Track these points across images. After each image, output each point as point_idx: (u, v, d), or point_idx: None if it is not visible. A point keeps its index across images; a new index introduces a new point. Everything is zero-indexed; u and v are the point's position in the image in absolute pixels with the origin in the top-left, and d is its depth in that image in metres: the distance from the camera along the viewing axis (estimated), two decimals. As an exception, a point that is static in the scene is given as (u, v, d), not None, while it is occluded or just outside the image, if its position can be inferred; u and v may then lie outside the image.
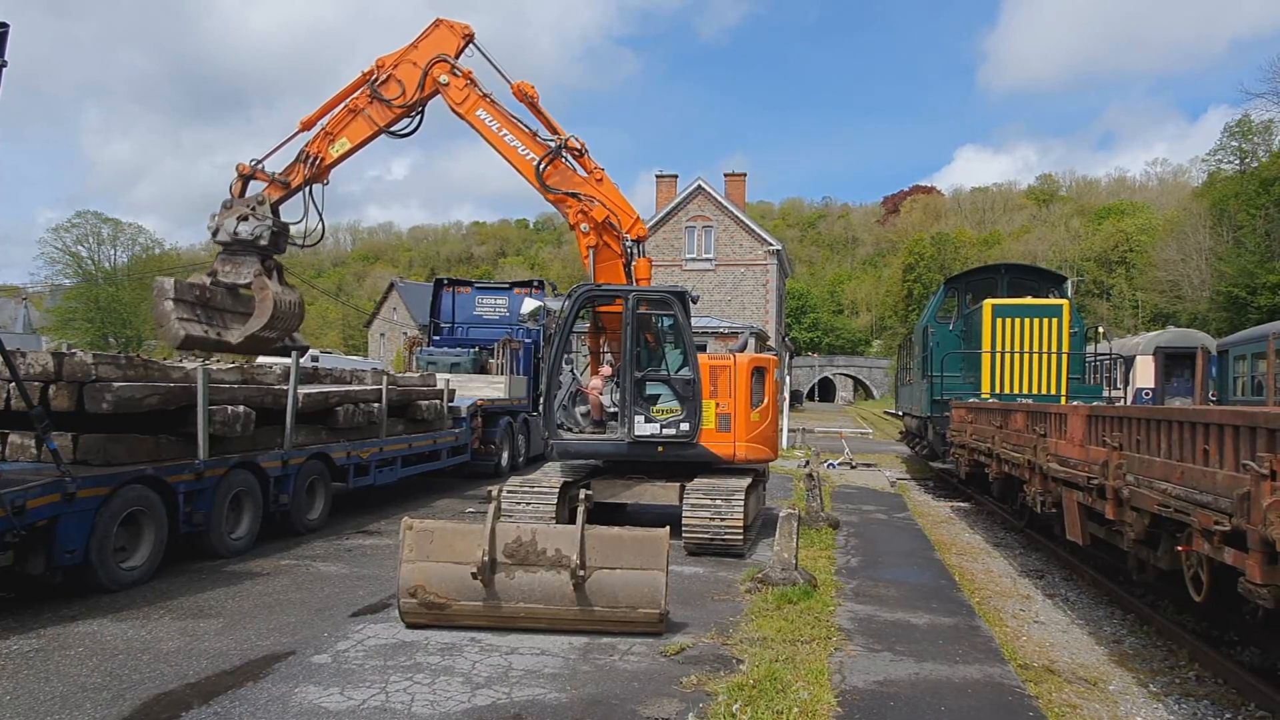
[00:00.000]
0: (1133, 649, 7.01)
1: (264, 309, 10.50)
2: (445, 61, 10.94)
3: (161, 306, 9.85)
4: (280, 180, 10.84)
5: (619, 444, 9.77)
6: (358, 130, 10.98)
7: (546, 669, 5.57)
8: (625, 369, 9.74)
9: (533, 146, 10.99)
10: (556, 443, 10.01)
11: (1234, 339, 20.83)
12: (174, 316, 9.83)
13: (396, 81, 10.88)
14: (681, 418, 9.77)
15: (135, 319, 58.59)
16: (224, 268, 10.49)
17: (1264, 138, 57.45)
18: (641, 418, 9.71)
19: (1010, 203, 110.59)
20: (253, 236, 10.41)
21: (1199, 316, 49.25)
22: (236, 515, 8.81)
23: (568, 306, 9.98)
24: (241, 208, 10.52)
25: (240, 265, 10.46)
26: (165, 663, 5.54)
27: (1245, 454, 4.76)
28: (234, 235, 10.41)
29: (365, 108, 10.92)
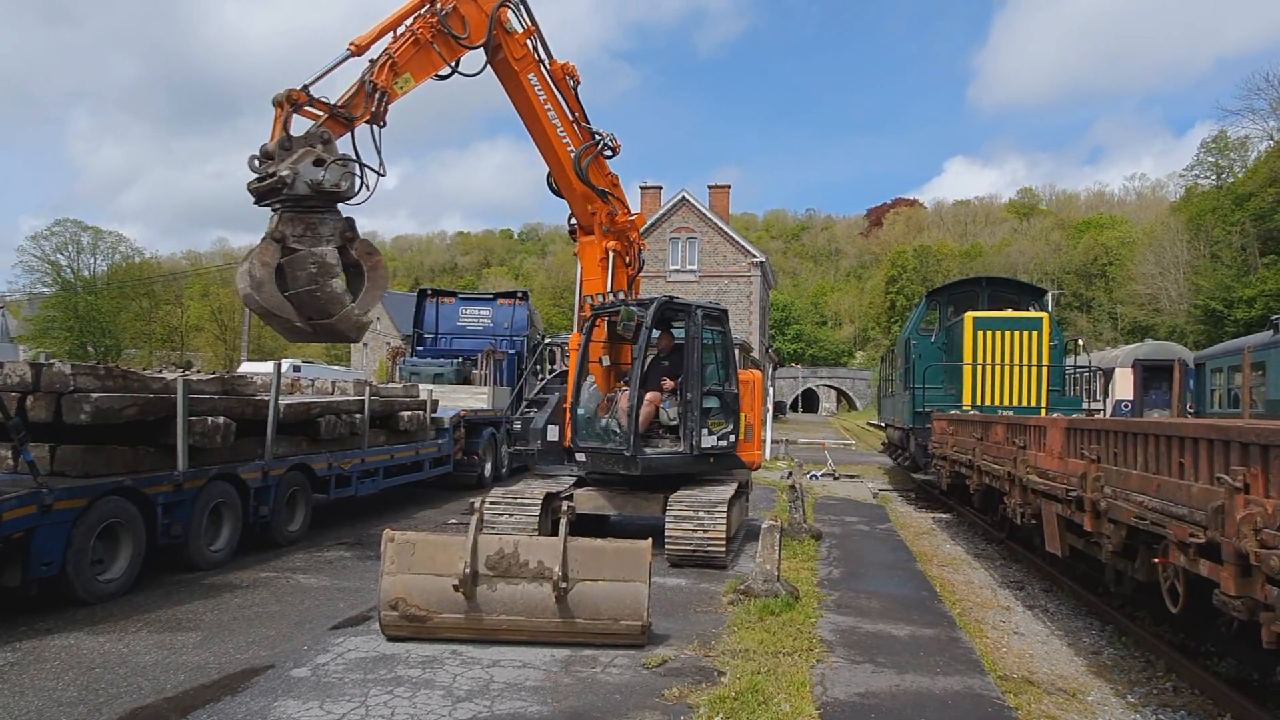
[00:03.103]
0: (1111, 660, 7.06)
1: (379, 278, 8.27)
2: (508, 6, 9.66)
3: (330, 287, 7.56)
4: (342, 114, 8.23)
5: (684, 456, 9.79)
6: (422, 66, 8.98)
7: (528, 682, 5.55)
8: (692, 383, 9.83)
9: (571, 133, 10.39)
10: (641, 458, 9.48)
11: (1211, 352, 21.10)
12: (349, 299, 7.78)
13: (460, 18, 9.18)
14: (730, 429, 10.22)
15: (114, 328, 58.07)
16: (293, 229, 7.65)
17: (1240, 154, 58.35)
18: (705, 430, 9.96)
19: (992, 216, 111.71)
20: (336, 187, 7.82)
21: (1177, 329, 49.86)
22: (216, 527, 8.74)
23: (650, 316, 9.74)
24: (309, 149, 7.77)
25: (318, 226, 7.76)
26: (142, 676, 5.48)
27: (1220, 467, 4.83)
28: (315, 186, 7.68)
29: (432, 40, 8.94)
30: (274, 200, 7.65)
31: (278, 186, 7.49)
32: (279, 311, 7.37)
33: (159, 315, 61.62)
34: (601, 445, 9.78)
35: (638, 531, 9.69)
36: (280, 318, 7.45)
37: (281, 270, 7.51)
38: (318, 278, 7.48)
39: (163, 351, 59.29)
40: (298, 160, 7.59)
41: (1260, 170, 49.76)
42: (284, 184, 7.48)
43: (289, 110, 7.83)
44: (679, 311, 10.26)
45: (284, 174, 7.48)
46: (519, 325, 19.10)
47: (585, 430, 9.89)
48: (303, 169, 7.59)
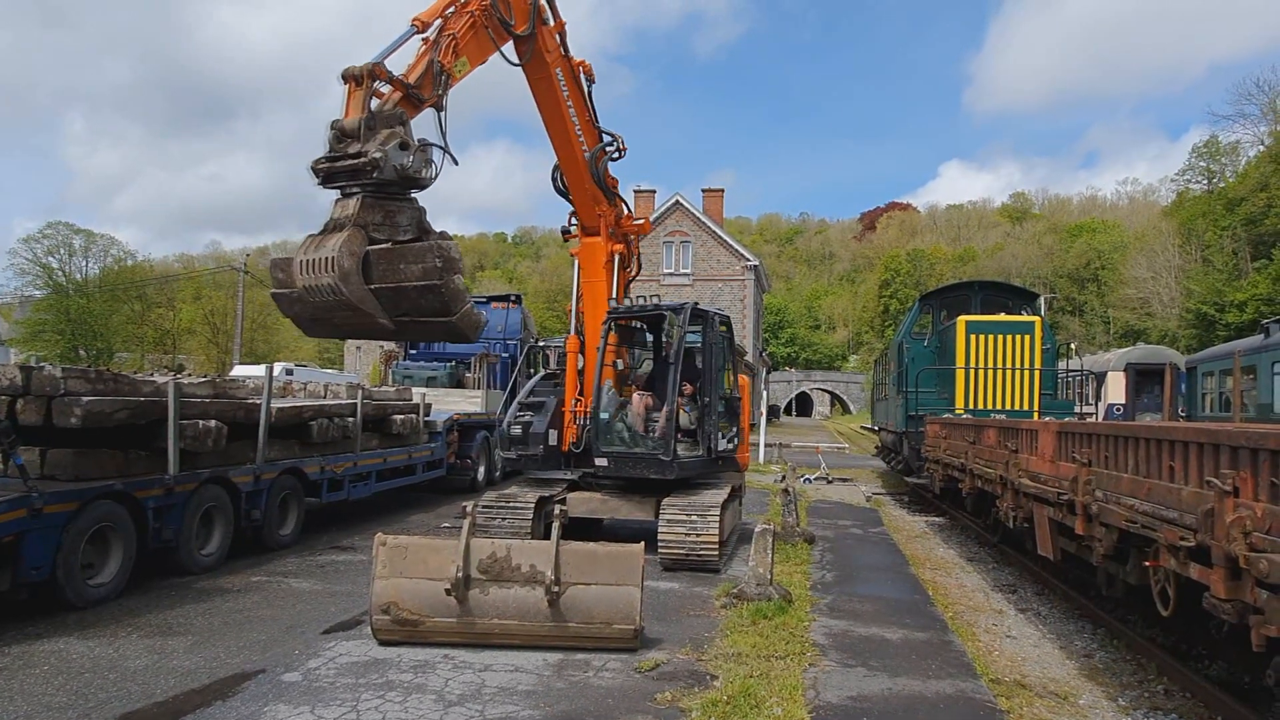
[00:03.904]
0: (1103, 663, 7.08)
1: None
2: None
3: (454, 283, 6.77)
4: (415, 95, 7.41)
5: (703, 459, 9.98)
6: (477, 51, 8.36)
7: (520, 686, 5.54)
8: (711, 388, 10.08)
9: (587, 131, 10.27)
10: (677, 462, 9.52)
11: (1202, 356, 21.19)
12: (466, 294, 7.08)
13: (507, 3, 8.73)
14: (734, 432, 10.67)
15: (106, 331, 57.79)
16: (372, 217, 6.84)
17: (1231, 158, 58.69)
18: (722, 435, 10.27)
19: (985, 220, 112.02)
20: (419, 173, 7.05)
21: (1169, 333, 50.08)
22: (207, 531, 8.71)
23: (682, 322, 9.87)
24: (393, 131, 6.94)
25: (396, 214, 6.95)
26: (132, 681, 5.46)
27: (1209, 470, 4.85)
28: (401, 171, 6.88)
29: (486, 24, 8.44)
30: (355, 183, 6.80)
31: (366, 169, 6.67)
32: (363, 305, 6.63)
33: (151, 318, 61.29)
34: (628, 449, 9.76)
35: (631, 535, 9.69)
36: (364, 312, 6.72)
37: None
38: (443, 272, 6.66)
39: (155, 355, 59.00)
40: (384, 142, 6.79)
41: (1251, 175, 50.05)
42: (375, 166, 6.66)
43: (369, 86, 7.04)
44: (697, 318, 10.41)
45: (376, 156, 6.66)
46: (512, 329, 19.08)
47: (608, 435, 9.87)
48: (392, 153, 6.81)
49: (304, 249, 6.67)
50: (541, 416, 10.33)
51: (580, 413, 10.17)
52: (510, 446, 10.28)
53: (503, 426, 10.44)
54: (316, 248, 6.59)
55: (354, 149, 6.71)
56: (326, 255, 6.49)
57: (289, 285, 6.80)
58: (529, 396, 10.68)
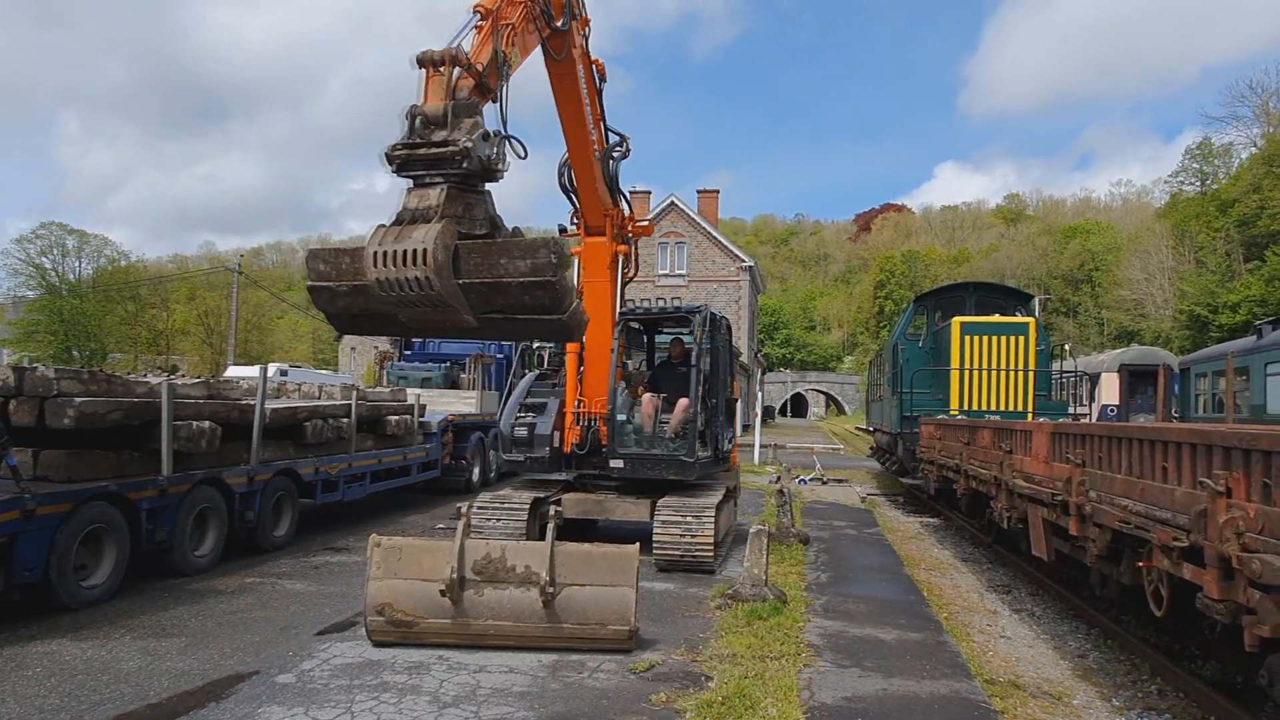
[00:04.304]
0: (1097, 663, 7.09)
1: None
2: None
3: (567, 280, 6.46)
4: (485, 84, 7.00)
5: (711, 460, 10.19)
6: (526, 44, 8.05)
7: (515, 687, 5.54)
8: (719, 390, 10.32)
9: (599, 130, 10.17)
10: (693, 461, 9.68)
11: (1195, 357, 21.25)
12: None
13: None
14: (731, 434, 10.96)
15: (100, 332, 57.65)
16: (453, 209, 6.49)
17: (1224, 160, 58.91)
18: (727, 436, 10.51)
19: (979, 221, 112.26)
20: (498, 166, 6.74)
21: (1162, 335, 50.22)
22: (201, 532, 8.69)
23: (704, 325, 10.10)
24: (474, 121, 6.61)
25: (474, 207, 6.64)
26: (126, 683, 5.44)
27: (1202, 471, 4.86)
28: (485, 162, 6.56)
29: (534, 15, 8.11)
30: (437, 172, 6.45)
31: (454, 158, 6.33)
32: (452, 301, 6.30)
33: (145, 319, 61.19)
34: (646, 451, 9.84)
35: (626, 536, 9.69)
36: (448, 308, 6.40)
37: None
38: (557, 269, 6.33)
39: (148, 356, 58.87)
40: (469, 131, 6.44)
41: (1244, 177, 50.23)
42: (465, 156, 6.33)
43: (452, 72, 6.66)
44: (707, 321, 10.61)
45: (467, 145, 6.32)
46: (507, 329, 19.03)
47: (624, 436, 9.91)
48: (479, 144, 6.44)
49: (378, 240, 6.17)
50: (545, 418, 10.24)
51: (583, 414, 10.12)
52: (513, 448, 10.16)
53: (505, 428, 10.33)
54: (398, 239, 6.14)
55: (438, 136, 6.38)
56: (416, 247, 6.03)
57: (337, 278, 6.39)
58: (528, 398, 10.60)
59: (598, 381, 10.19)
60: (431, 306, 6.33)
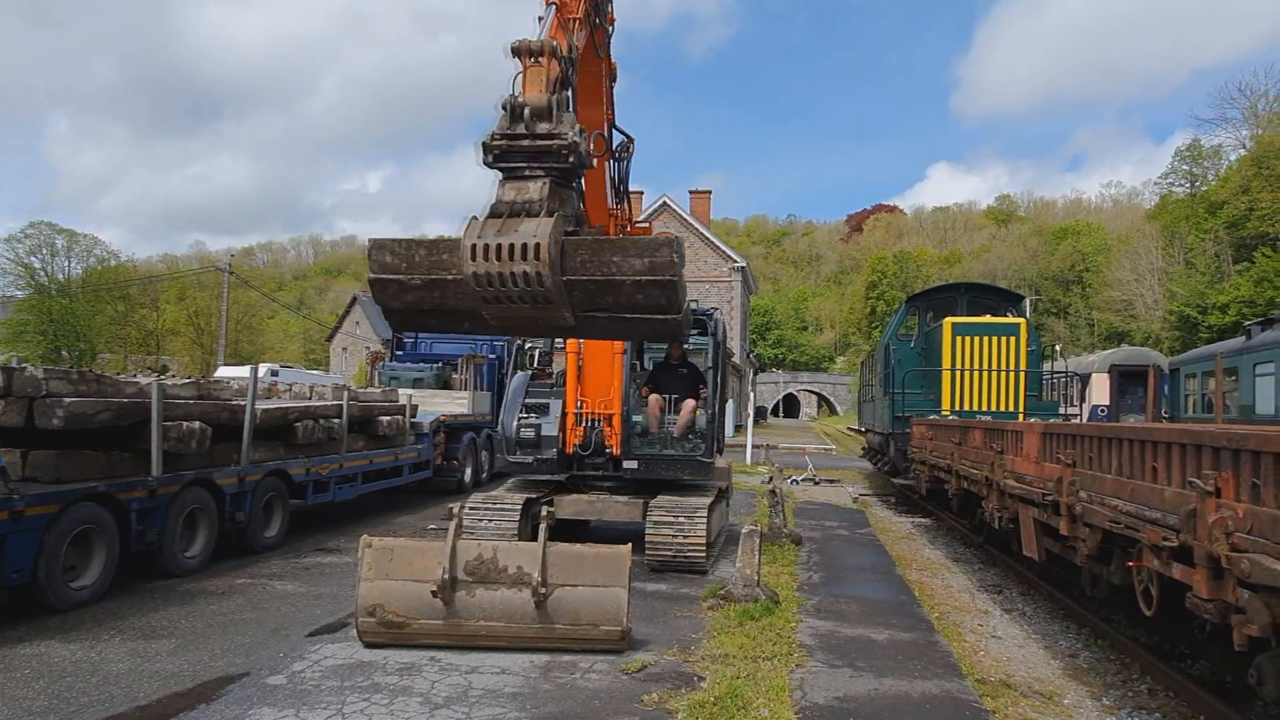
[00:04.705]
0: (1087, 663, 7.11)
1: None
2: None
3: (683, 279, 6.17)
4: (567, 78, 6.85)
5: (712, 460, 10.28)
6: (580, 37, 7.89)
7: (507, 688, 5.53)
8: (721, 391, 10.44)
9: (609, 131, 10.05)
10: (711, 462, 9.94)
11: (1185, 358, 21.35)
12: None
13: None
14: (721, 434, 10.94)
15: (89, 332, 57.32)
16: (553, 203, 6.38)
17: (1213, 162, 59.23)
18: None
19: (970, 222, 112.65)
20: (590, 162, 6.65)
21: (1152, 335, 50.42)
22: (191, 533, 8.64)
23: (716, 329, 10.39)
24: (572, 116, 6.50)
25: (566, 203, 6.53)
26: (115, 685, 5.41)
27: (1191, 471, 4.88)
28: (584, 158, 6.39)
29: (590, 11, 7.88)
30: (538, 165, 6.24)
31: (560, 151, 6.17)
32: (557, 299, 6.06)
33: (134, 319, 60.83)
34: (660, 452, 9.92)
35: (618, 537, 9.68)
36: (551, 305, 6.14)
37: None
38: (680, 267, 6.10)
39: (138, 356, 58.53)
40: (571, 125, 6.27)
41: (1233, 178, 50.52)
42: (571, 150, 6.20)
43: (555, 65, 6.51)
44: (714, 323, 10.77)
45: (575, 139, 6.19)
46: (499, 330, 19.01)
47: (638, 438, 9.97)
48: (580, 138, 6.29)
49: (477, 232, 5.85)
50: (550, 419, 10.12)
51: (587, 414, 10.09)
52: (518, 450, 9.99)
53: (510, 430, 10.11)
54: (502, 232, 5.85)
55: (543, 129, 6.14)
56: (528, 241, 5.76)
57: (408, 270, 6.03)
58: (526, 397, 10.48)
59: (599, 381, 10.14)
60: (531, 303, 6.00)
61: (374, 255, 6.03)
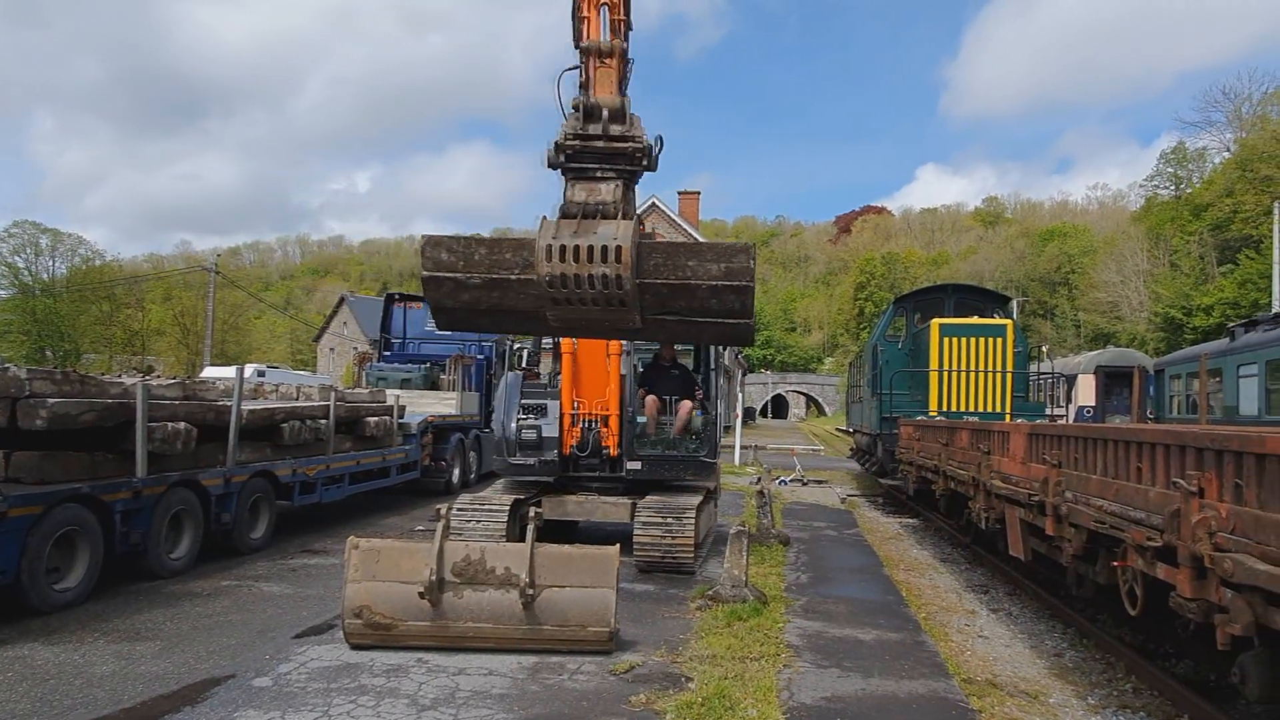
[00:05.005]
0: (1073, 662, 7.15)
1: None
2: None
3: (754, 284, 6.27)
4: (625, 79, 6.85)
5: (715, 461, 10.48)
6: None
7: (494, 689, 5.51)
8: (717, 392, 10.58)
9: None
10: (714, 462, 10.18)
11: (1170, 359, 21.49)
12: None
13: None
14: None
15: (74, 332, 56.87)
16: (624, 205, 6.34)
17: (1198, 165, 59.70)
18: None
19: (958, 224, 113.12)
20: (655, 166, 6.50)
21: (1138, 337, 50.73)
22: (176, 534, 8.59)
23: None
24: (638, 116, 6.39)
25: (628, 205, 6.40)
26: (99, 687, 5.37)
27: (1175, 472, 4.91)
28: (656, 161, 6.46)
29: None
30: (610, 167, 6.15)
31: (635, 154, 6.09)
32: (631, 302, 5.99)
33: (120, 319, 60.34)
34: (664, 453, 9.98)
35: (606, 538, 9.67)
36: (624, 308, 6.05)
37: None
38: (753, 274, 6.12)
39: (123, 356, 58.09)
40: (641, 128, 6.17)
41: (1217, 181, 50.96)
42: (645, 153, 6.12)
43: (620, 66, 6.38)
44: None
45: (650, 142, 6.10)
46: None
47: (641, 439, 9.99)
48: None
49: (551, 233, 5.76)
50: (550, 420, 10.04)
51: (583, 415, 10.07)
52: (519, 452, 9.88)
53: (509, 431, 9.95)
54: (579, 233, 5.77)
55: (616, 130, 6.05)
56: (608, 244, 5.70)
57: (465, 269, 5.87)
58: (521, 398, 10.36)
59: (595, 382, 10.13)
60: (604, 305, 5.93)
61: (428, 252, 5.85)
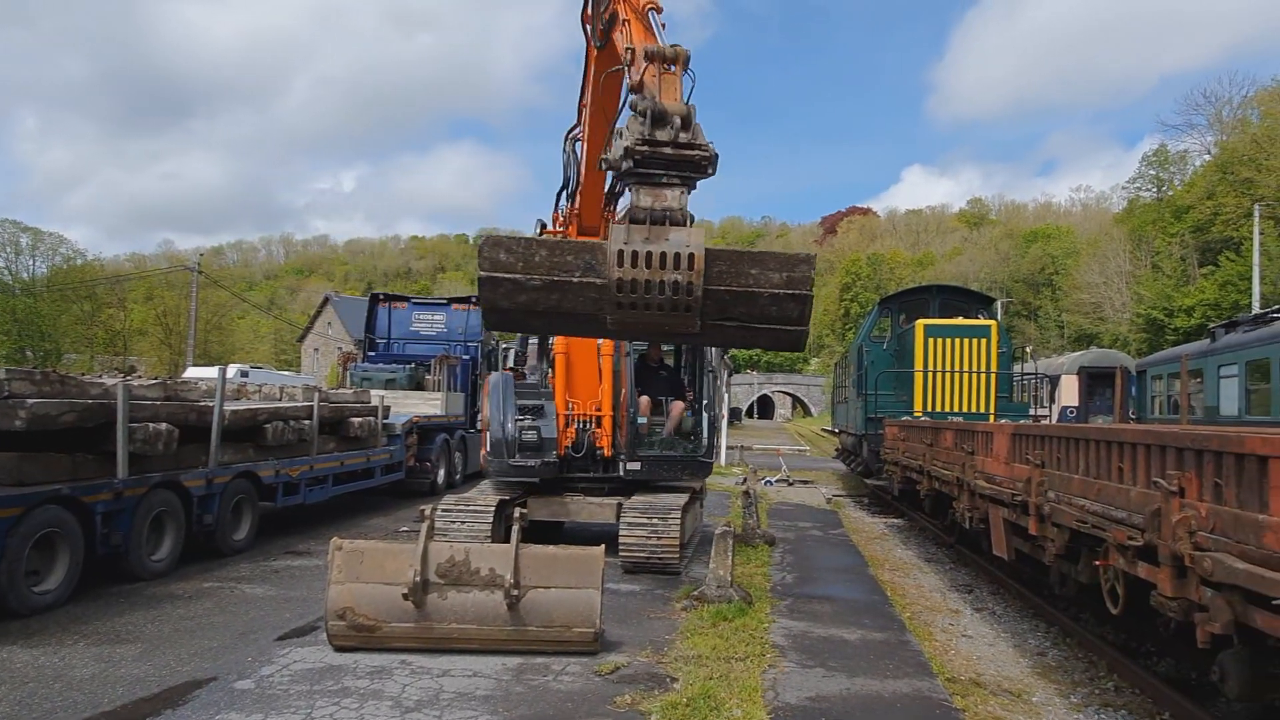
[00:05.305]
0: (1056, 661, 7.20)
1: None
2: None
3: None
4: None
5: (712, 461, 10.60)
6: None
7: (479, 691, 5.49)
8: (709, 392, 10.68)
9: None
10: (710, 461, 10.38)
11: (1151, 360, 21.66)
12: None
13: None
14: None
15: (55, 332, 56.32)
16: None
17: (1179, 167, 60.17)
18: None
19: (943, 225, 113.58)
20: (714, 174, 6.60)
21: (1120, 338, 51.09)
22: (158, 536, 8.52)
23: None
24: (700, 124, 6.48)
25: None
26: (79, 690, 5.32)
27: (1156, 472, 4.95)
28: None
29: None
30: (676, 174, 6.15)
31: (699, 161, 6.12)
32: (695, 307, 6.08)
33: (101, 319, 59.81)
34: (662, 453, 10.08)
35: (592, 538, 9.66)
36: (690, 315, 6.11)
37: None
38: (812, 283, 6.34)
39: (105, 356, 57.58)
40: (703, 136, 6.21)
41: (1198, 183, 51.38)
42: (711, 161, 6.18)
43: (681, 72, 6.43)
44: None
45: (715, 151, 6.15)
46: (473, 331, 18.96)
47: (640, 439, 10.02)
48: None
49: (624, 238, 5.78)
50: (548, 421, 9.92)
51: (578, 415, 10.00)
52: (519, 454, 9.71)
53: (508, 433, 9.73)
54: (650, 239, 5.81)
55: (684, 138, 6.07)
56: (680, 251, 5.78)
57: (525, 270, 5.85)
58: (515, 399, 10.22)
59: (588, 382, 10.10)
60: (669, 310, 5.96)
61: (486, 252, 5.80)
